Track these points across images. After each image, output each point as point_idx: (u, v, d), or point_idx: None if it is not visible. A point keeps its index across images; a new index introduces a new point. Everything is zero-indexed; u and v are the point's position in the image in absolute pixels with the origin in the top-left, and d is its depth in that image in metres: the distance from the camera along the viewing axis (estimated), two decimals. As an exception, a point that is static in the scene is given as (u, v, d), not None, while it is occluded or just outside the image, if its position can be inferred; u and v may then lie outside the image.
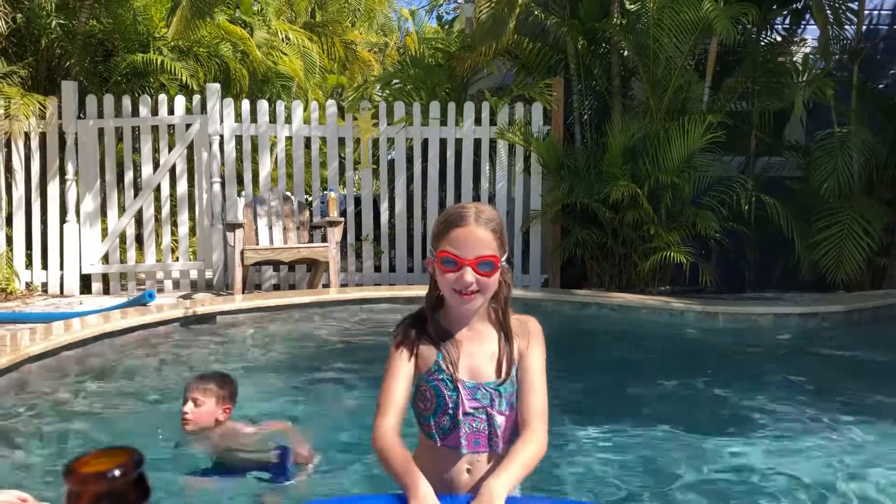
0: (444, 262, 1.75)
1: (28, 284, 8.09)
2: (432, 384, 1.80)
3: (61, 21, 8.99)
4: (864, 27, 8.21)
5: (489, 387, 1.79)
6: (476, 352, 1.82)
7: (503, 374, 1.80)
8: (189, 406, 2.95)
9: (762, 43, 8.49)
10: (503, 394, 1.79)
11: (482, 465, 1.79)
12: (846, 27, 8.13)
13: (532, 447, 1.70)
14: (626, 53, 8.10)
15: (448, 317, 1.85)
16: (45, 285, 8.10)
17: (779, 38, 8.65)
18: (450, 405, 1.78)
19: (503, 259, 1.78)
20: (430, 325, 1.85)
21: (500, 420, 1.79)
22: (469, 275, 1.72)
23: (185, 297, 7.66)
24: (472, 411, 1.77)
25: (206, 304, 6.13)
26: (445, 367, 1.79)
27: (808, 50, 8.67)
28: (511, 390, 1.81)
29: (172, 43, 9.87)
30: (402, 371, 1.79)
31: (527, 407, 1.78)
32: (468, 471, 1.79)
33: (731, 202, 7.69)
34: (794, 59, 8.56)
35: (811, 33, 8.66)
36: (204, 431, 2.96)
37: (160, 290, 8.06)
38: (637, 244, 7.58)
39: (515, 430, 1.80)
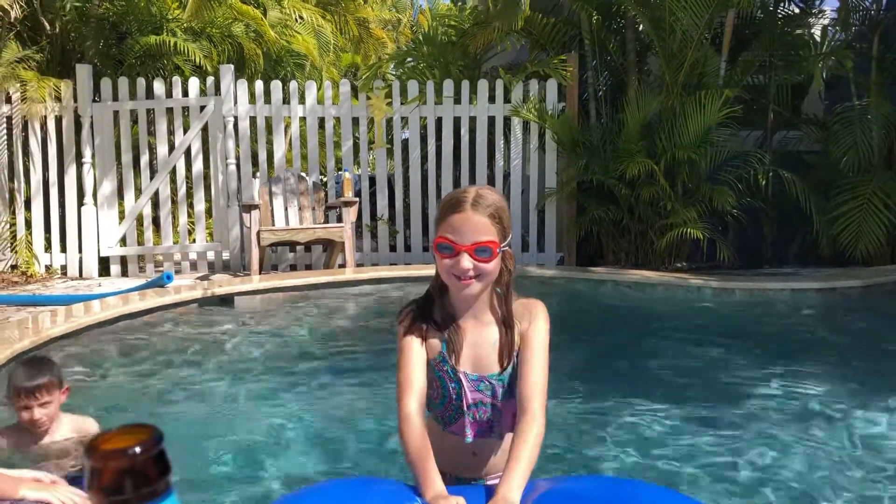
0: (440, 248, 1.73)
1: (48, 267, 8.18)
2: (437, 374, 1.81)
3: (75, 4, 9.01)
4: (885, -3, 8.07)
5: (492, 378, 1.80)
6: (479, 342, 1.81)
7: (504, 363, 1.80)
8: (39, 412, 2.57)
9: (780, 15, 8.36)
10: (505, 383, 1.80)
11: (488, 448, 1.83)
12: (866, -3, 8.00)
13: (532, 438, 1.67)
14: (641, 28, 8.01)
15: (452, 301, 1.83)
16: (64, 268, 8.19)
17: (797, 10, 8.52)
18: (453, 396, 1.79)
19: (503, 244, 1.75)
20: (435, 308, 1.84)
21: (504, 409, 1.81)
22: (466, 261, 1.70)
23: (202, 278, 7.72)
24: (475, 402, 1.79)
25: (223, 285, 6.18)
26: (448, 358, 1.79)
27: (826, 22, 8.53)
28: (514, 377, 1.80)
29: (186, 24, 9.86)
30: (416, 351, 1.79)
31: (526, 387, 1.75)
32: (474, 454, 1.83)
33: (749, 177, 7.63)
34: (813, 31, 8.43)
35: (830, 4, 8.55)
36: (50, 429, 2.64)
37: (178, 272, 8.12)
38: (653, 221, 7.55)
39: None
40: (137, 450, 0.69)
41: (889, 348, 4.63)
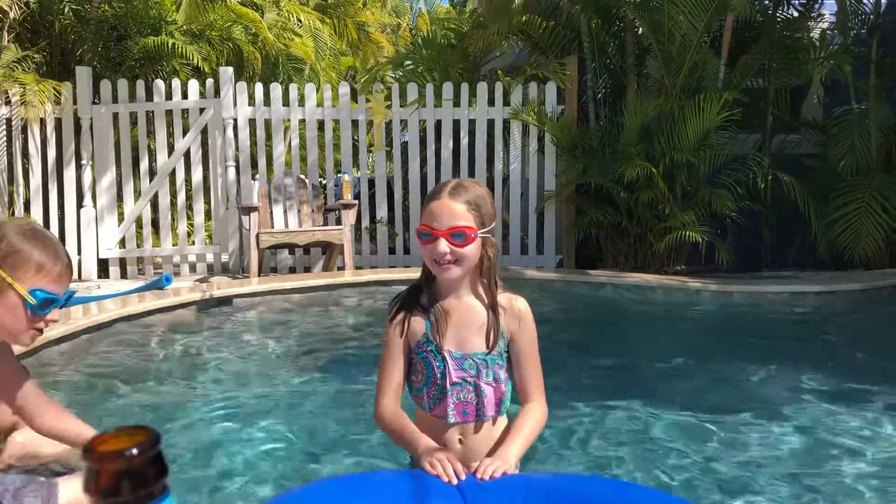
0: (421, 234, 1.84)
1: (47, 269, 8.15)
2: (422, 356, 1.88)
3: (74, 6, 9.01)
4: (884, 0, 8.08)
5: (476, 357, 1.86)
6: (464, 323, 1.89)
7: (490, 345, 1.87)
8: None
9: (779, 18, 8.37)
10: (490, 364, 1.87)
11: (473, 434, 1.87)
12: (864, 1, 8.00)
13: (533, 420, 1.84)
14: (640, 31, 8.02)
15: (438, 288, 1.93)
16: (63, 270, 8.17)
17: (796, 14, 8.53)
18: (438, 375, 1.85)
19: (481, 231, 1.83)
20: (422, 296, 1.93)
21: (487, 391, 1.86)
22: (443, 245, 1.79)
23: (201, 280, 7.71)
24: (459, 381, 1.85)
25: (222, 287, 6.17)
26: (433, 338, 1.86)
27: (825, 25, 8.54)
28: (499, 362, 1.88)
29: (185, 27, 9.87)
30: (397, 349, 1.89)
31: (525, 384, 1.90)
32: (460, 441, 1.87)
33: (748, 181, 7.64)
34: (812, 34, 8.44)
35: (829, 8, 8.54)
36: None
37: (177, 274, 8.11)
38: (652, 224, 7.55)
39: (503, 402, 1.89)
40: (135, 451, 0.69)
41: (889, 351, 4.63)
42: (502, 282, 1.94)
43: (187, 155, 8.23)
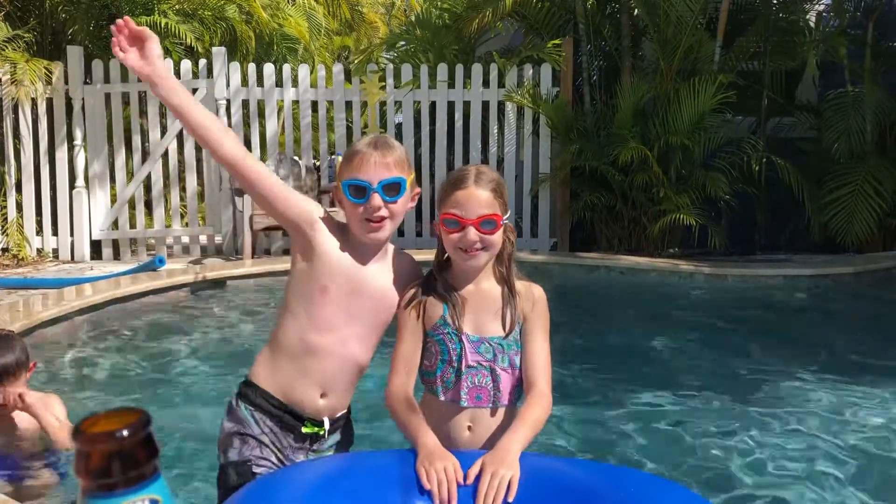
0: (447, 223, 1.83)
1: (39, 250, 8.13)
2: (437, 338, 1.86)
3: (63, -16, 8.90)
4: (880, -17, 8.05)
5: (493, 341, 1.86)
6: (481, 307, 1.89)
7: (507, 329, 1.87)
8: (9, 391, 2.51)
9: (774, 1, 8.33)
10: (506, 349, 1.86)
11: (484, 421, 1.85)
12: (861, -17, 7.98)
13: (539, 408, 1.78)
14: (636, 12, 7.98)
15: (455, 276, 1.92)
16: (55, 251, 8.14)
17: (792, -5, 8.49)
18: (454, 357, 1.84)
19: (504, 217, 1.85)
20: (437, 284, 1.91)
21: (503, 376, 1.84)
22: (472, 234, 1.80)
23: (195, 262, 7.69)
24: (474, 364, 1.83)
25: (215, 269, 6.16)
26: (451, 321, 1.86)
27: (821, 8, 8.51)
28: (515, 348, 1.87)
29: (178, 6, 9.76)
30: (413, 329, 1.87)
31: (532, 369, 1.85)
32: (469, 428, 1.85)
33: (742, 164, 7.63)
34: (807, 17, 8.41)
35: (825, -10, 8.51)
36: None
37: (170, 256, 8.08)
38: (646, 207, 7.55)
39: (518, 390, 1.87)
40: (125, 433, 0.69)
41: (881, 333, 4.66)
42: (517, 268, 1.95)
43: (180, 136, 8.18)
